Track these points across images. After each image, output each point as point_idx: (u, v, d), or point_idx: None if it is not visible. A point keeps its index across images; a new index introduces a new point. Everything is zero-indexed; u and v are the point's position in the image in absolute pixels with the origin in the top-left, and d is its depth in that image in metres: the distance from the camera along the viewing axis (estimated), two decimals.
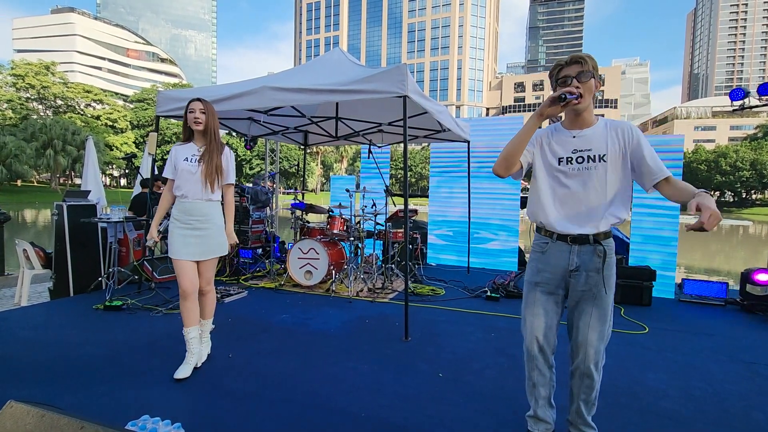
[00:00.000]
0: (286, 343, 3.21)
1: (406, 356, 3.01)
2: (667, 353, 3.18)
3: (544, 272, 1.79)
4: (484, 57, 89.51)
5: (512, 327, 3.71)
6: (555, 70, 1.72)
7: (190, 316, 2.66)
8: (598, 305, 1.73)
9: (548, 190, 1.75)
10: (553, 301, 1.79)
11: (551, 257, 1.76)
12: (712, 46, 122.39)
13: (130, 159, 5.76)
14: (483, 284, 5.09)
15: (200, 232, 2.63)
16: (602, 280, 1.71)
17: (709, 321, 4.07)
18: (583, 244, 1.71)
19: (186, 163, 2.63)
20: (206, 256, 2.67)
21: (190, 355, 2.65)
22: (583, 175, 1.69)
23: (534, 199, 1.82)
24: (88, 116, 49.64)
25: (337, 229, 5.06)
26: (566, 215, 1.72)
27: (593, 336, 1.73)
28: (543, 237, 1.80)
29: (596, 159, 1.69)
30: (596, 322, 1.73)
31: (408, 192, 3.64)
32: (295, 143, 7.04)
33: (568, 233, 1.71)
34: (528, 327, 1.82)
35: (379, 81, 3.43)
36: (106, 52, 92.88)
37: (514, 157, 1.70)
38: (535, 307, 1.80)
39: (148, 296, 4.32)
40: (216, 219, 2.70)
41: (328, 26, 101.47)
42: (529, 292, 1.83)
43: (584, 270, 1.72)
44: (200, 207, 2.64)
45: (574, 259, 1.72)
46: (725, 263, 13.45)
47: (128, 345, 3.06)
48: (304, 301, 4.43)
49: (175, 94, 4.40)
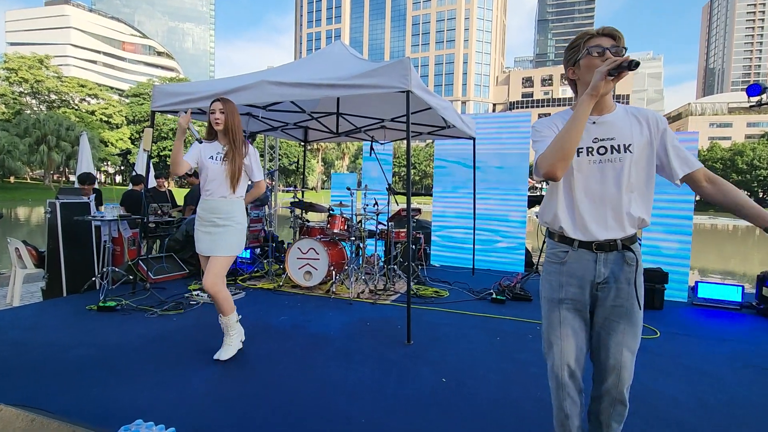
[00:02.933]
0: (284, 346, 3.21)
1: (408, 360, 3.00)
2: (679, 359, 3.16)
3: (568, 287, 1.58)
4: (490, 51, 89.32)
5: (518, 331, 3.70)
6: (584, 38, 1.52)
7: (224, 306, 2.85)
8: (630, 321, 1.54)
9: (566, 188, 1.54)
10: (581, 319, 1.59)
11: (574, 268, 1.56)
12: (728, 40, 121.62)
13: (126, 155, 5.78)
14: (488, 286, 5.08)
15: (217, 228, 2.76)
16: (634, 291, 1.53)
17: (723, 326, 4.04)
18: (610, 251, 1.52)
19: (212, 162, 2.76)
20: (213, 252, 2.77)
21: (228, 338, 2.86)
22: (605, 169, 1.50)
23: (549, 200, 1.61)
24: (82, 111, 49.91)
25: (337, 229, 5.06)
26: (589, 218, 1.52)
27: (627, 357, 1.55)
28: (560, 245, 1.59)
29: (621, 149, 1.49)
30: (630, 340, 1.55)
31: (411, 190, 3.63)
32: (294, 139, 7.04)
33: (593, 239, 1.52)
34: (556, 352, 1.60)
35: (381, 75, 3.42)
36: (101, 46, 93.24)
37: (573, 153, 1.42)
38: (562, 328, 1.59)
39: (143, 297, 4.34)
40: (237, 217, 2.81)
41: (329, 19, 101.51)
42: (552, 311, 1.62)
43: (614, 282, 1.54)
44: (222, 205, 2.77)
45: (601, 270, 1.53)
46: (741, 265, 13.37)
47: (122, 347, 3.07)
48: (303, 303, 4.43)
49: (172, 89, 4.40)
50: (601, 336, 1.59)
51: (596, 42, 1.49)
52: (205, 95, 4.08)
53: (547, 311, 1.64)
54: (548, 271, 1.65)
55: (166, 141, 50.15)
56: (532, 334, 3.61)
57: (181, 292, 4.58)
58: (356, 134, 6.46)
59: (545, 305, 1.66)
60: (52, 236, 4.46)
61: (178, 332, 3.40)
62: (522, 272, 6.11)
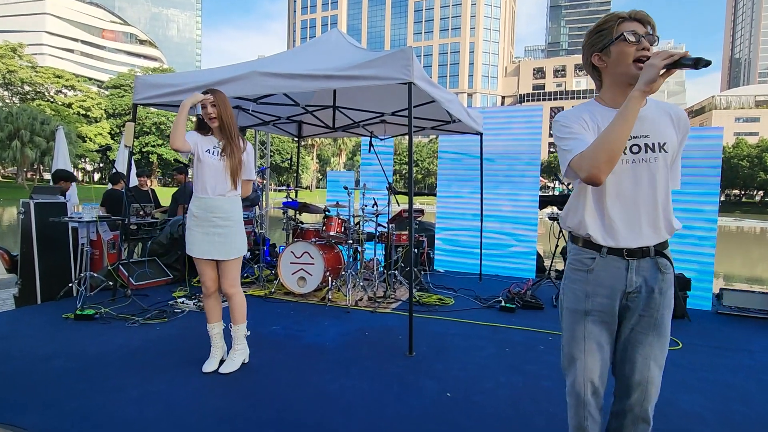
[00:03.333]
0: (276, 357, 3.22)
1: (410, 373, 3.00)
2: (703, 372, 3.17)
3: (595, 297, 1.54)
4: (499, 39, 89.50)
5: (529, 341, 3.70)
6: (615, 21, 1.46)
7: (212, 313, 2.95)
8: (659, 333, 1.53)
9: (595, 190, 1.51)
10: (608, 332, 1.57)
11: (603, 277, 1.53)
12: (755, 28, 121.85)
13: (105, 151, 5.78)
14: (497, 293, 5.08)
15: (222, 230, 2.77)
16: (665, 301, 1.52)
17: (750, 336, 4.04)
18: (642, 257, 1.50)
19: (209, 156, 2.76)
20: (229, 255, 2.81)
21: (215, 350, 2.96)
22: (639, 169, 1.47)
23: (576, 202, 1.56)
24: (58, 104, 49.94)
25: (334, 231, 5.06)
26: (621, 223, 1.49)
27: (655, 371, 1.53)
28: (586, 250, 1.56)
29: (655, 148, 1.47)
30: (658, 353, 1.54)
31: (413, 189, 3.64)
32: (288, 135, 7.05)
33: (625, 246, 1.49)
34: (579, 368, 1.57)
35: (381, 66, 3.43)
36: (79, 33, 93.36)
37: (619, 155, 1.37)
38: (587, 343, 1.56)
39: (124, 304, 4.34)
40: (236, 216, 2.84)
41: (325, 5, 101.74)
42: (576, 323, 1.59)
43: (645, 291, 1.52)
44: (221, 204, 2.78)
45: (633, 278, 1.50)
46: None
47: (102, 358, 3.07)
48: (297, 311, 4.43)
49: (155, 80, 4.41)
50: (627, 348, 1.57)
51: (629, 27, 1.44)
52: (191, 87, 4.07)
53: (570, 323, 1.61)
54: (572, 279, 1.60)
55: (148, 136, 50.23)
56: (543, 345, 3.62)
57: (165, 299, 4.59)
58: (354, 129, 6.47)
59: (568, 317, 1.62)
60: (25, 239, 4.46)
61: (161, 342, 3.41)
62: (533, 278, 6.12)
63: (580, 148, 1.40)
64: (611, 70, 1.49)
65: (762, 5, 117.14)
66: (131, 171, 5.10)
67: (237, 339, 2.97)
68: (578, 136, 1.46)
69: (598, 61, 1.52)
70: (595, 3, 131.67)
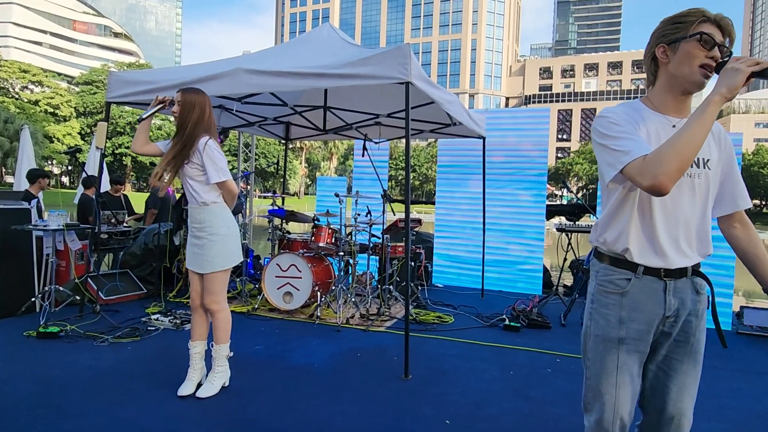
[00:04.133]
0: (259, 380, 3.19)
1: (406, 398, 2.99)
2: (723, 398, 3.17)
3: (631, 323, 1.50)
4: (503, 36, 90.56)
5: (535, 363, 3.70)
6: (697, 18, 1.42)
7: (196, 329, 2.99)
8: (695, 360, 1.53)
9: (635, 201, 1.48)
10: (638, 362, 1.54)
11: (640, 300, 1.49)
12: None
13: (75, 153, 5.76)
14: (500, 311, 5.08)
15: (199, 241, 2.88)
16: (701, 325, 1.53)
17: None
18: (679, 277, 1.49)
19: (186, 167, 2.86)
20: (203, 269, 2.87)
21: (193, 371, 2.93)
22: (681, 184, 1.45)
23: (616, 215, 1.52)
24: (24, 101, 49.74)
25: (323, 242, 5.06)
26: (665, 240, 1.47)
27: (688, 404, 1.52)
28: (617, 270, 1.52)
29: (700, 164, 1.47)
30: (692, 383, 1.53)
31: (410, 197, 3.65)
32: (274, 137, 7.06)
33: (664, 266, 1.47)
34: (608, 404, 1.52)
35: (376, 64, 3.46)
36: (48, 25, 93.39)
37: (691, 162, 1.34)
38: (620, 375, 1.51)
39: (92, 321, 4.30)
40: (214, 227, 2.85)
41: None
42: (608, 352, 1.53)
43: (684, 314, 1.51)
44: (195, 213, 2.89)
45: (672, 301, 1.48)
46: None
47: (66, 381, 3.03)
48: (283, 329, 4.41)
49: (130, 77, 4.42)
50: (659, 377, 1.56)
51: (708, 29, 1.40)
52: (169, 84, 4.09)
53: (601, 353, 1.55)
54: (603, 303, 1.55)
55: (122, 137, 50.09)
56: (551, 368, 3.61)
57: (138, 315, 4.54)
58: (346, 132, 6.50)
59: (597, 345, 1.56)
60: None
61: (133, 363, 3.37)
62: (539, 295, 6.13)
63: (641, 151, 1.35)
64: (672, 68, 1.46)
65: None
66: (103, 174, 5.08)
67: (218, 360, 2.95)
68: (634, 137, 1.40)
69: (661, 53, 1.48)
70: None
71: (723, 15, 1.43)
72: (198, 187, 2.81)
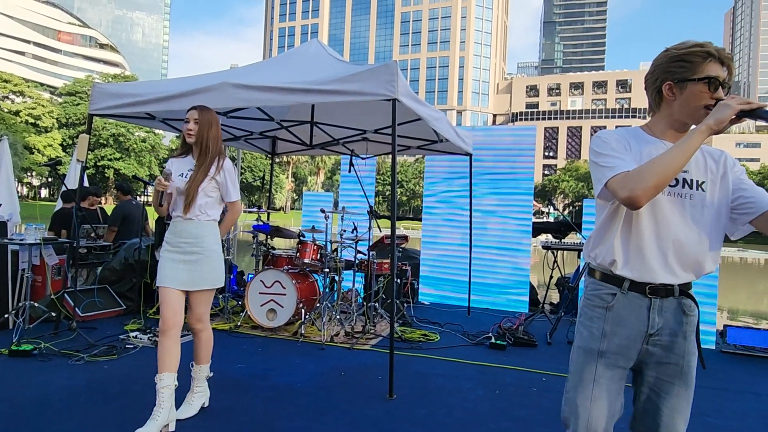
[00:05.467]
0: (240, 400, 3.14)
1: (390, 419, 2.96)
2: (707, 417, 3.19)
3: (613, 337, 1.55)
4: (490, 54, 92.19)
5: (520, 382, 3.70)
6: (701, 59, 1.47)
7: (166, 359, 2.63)
8: (686, 382, 1.56)
9: (626, 218, 1.54)
10: (618, 378, 1.57)
11: (624, 315, 1.54)
12: (753, 51, 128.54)
13: (55, 165, 5.68)
14: (486, 329, 5.09)
15: (190, 257, 2.72)
16: (690, 346, 1.56)
17: (756, 377, 4.12)
18: (666, 296, 1.53)
19: (180, 179, 2.76)
20: (197, 286, 2.73)
21: (158, 410, 2.55)
22: (675, 203, 1.51)
23: (605, 229, 1.58)
24: (4, 111, 49.07)
25: (308, 258, 5.03)
26: (649, 254, 1.52)
27: (681, 426, 1.54)
28: (605, 285, 1.58)
29: (693, 185, 1.52)
30: (685, 405, 1.56)
31: (396, 213, 3.66)
32: (260, 151, 7.05)
33: (649, 281, 1.52)
34: (582, 417, 1.54)
35: (364, 80, 3.49)
36: (31, 34, 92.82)
37: (668, 183, 1.42)
38: (595, 388, 1.54)
39: (68, 338, 4.19)
40: (208, 243, 2.76)
41: (305, 12, 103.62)
42: (586, 364, 1.57)
43: (668, 334, 1.55)
44: (188, 228, 2.74)
45: (656, 319, 1.53)
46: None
47: (39, 401, 2.94)
48: (266, 348, 4.36)
49: (115, 89, 4.40)
50: (650, 399, 1.58)
51: (714, 69, 1.45)
52: (155, 97, 4.08)
53: (580, 364, 1.59)
54: (589, 317, 1.61)
55: (105, 149, 49.61)
56: (537, 387, 3.61)
57: (116, 332, 4.45)
58: (333, 147, 6.51)
59: (578, 356, 1.61)
60: None
61: (110, 383, 3.29)
62: (526, 312, 6.15)
63: (624, 168, 1.43)
64: (678, 106, 1.51)
65: (760, 29, 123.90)
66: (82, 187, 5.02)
67: (198, 380, 2.89)
68: (622, 156, 1.49)
69: (667, 90, 1.52)
70: (590, 20, 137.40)
71: (723, 50, 1.48)
72: (208, 202, 2.76)
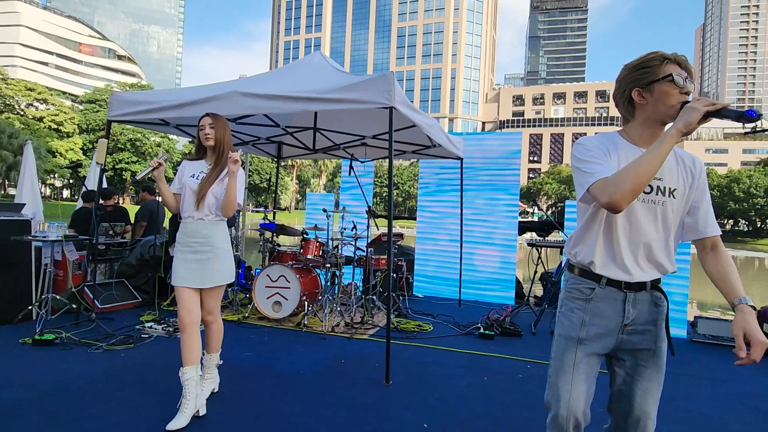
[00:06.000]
0: (248, 387, 3.12)
1: (386, 403, 2.95)
2: (678, 402, 3.20)
3: (591, 326, 1.58)
4: (480, 66, 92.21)
5: (507, 370, 3.69)
6: (660, 61, 1.48)
7: (188, 353, 2.60)
8: (658, 365, 1.59)
9: (602, 221, 1.56)
10: (596, 363, 1.60)
11: (601, 308, 1.57)
12: (722, 64, 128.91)
13: (75, 168, 5.65)
14: (475, 320, 5.08)
15: (201, 255, 2.67)
16: (661, 333, 1.60)
17: (724, 365, 4.12)
18: (639, 290, 1.57)
19: (192, 180, 2.71)
20: (208, 283, 2.68)
21: (186, 402, 2.52)
22: (648, 210, 1.53)
23: (585, 231, 1.61)
24: (29, 117, 48.80)
25: (311, 254, 5.01)
26: (625, 256, 1.54)
27: (652, 406, 1.57)
28: (585, 280, 1.61)
29: (666, 192, 1.54)
30: (656, 387, 1.58)
31: (393, 213, 3.65)
32: (267, 155, 7.02)
33: (624, 279, 1.55)
34: (563, 399, 1.56)
35: (363, 90, 3.48)
36: (54, 46, 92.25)
37: (644, 187, 1.42)
38: (575, 372, 1.56)
39: (87, 329, 4.17)
40: (217, 242, 2.72)
41: (309, 27, 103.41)
42: (567, 351, 1.60)
43: (641, 323, 1.58)
44: (199, 228, 2.69)
45: (630, 311, 1.56)
46: None
47: (59, 388, 2.92)
48: (271, 337, 4.34)
49: (132, 97, 4.37)
50: (626, 382, 1.60)
51: (673, 69, 1.46)
52: (168, 105, 4.05)
53: (561, 350, 1.62)
54: (569, 308, 1.63)
55: (123, 153, 49.38)
56: (522, 374, 3.61)
57: (132, 323, 4.43)
58: (334, 151, 6.49)
59: (559, 343, 1.64)
60: None
61: (126, 370, 3.27)
62: (512, 305, 6.15)
63: (604, 174, 1.43)
64: (651, 107, 1.52)
65: (728, 44, 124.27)
66: (101, 188, 4.99)
67: (208, 368, 2.87)
68: (602, 162, 1.49)
69: (638, 96, 1.53)
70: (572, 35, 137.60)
71: (677, 54, 1.50)
72: (217, 203, 2.70)
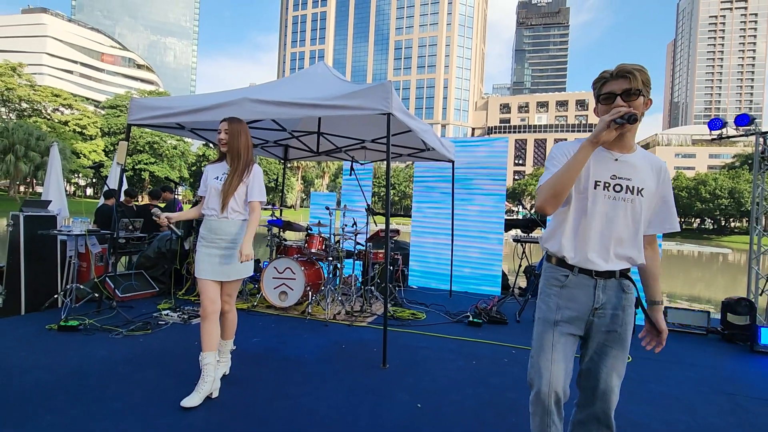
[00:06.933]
0: (256, 370, 3.11)
1: (383, 385, 2.95)
2: (651, 384, 3.21)
3: (565, 309, 1.61)
4: (470, 77, 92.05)
5: (494, 354, 3.69)
6: (598, 84, 1.57)
7: (207, 340, 2.61)
8: (623, 347, 1.62)
9: (575, 217, 1.59)
10: (572, 343, 1.63)
11: (574, 293, 1.61)
12: (691, 77, 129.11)
13: (98, 168, 5.60)
14: (465, 309, 5.08)
15: (225, 251, 2.66)
16: (627, 317, 1.62)
17: (692, 351, 4.14)
18: (608, 278, 1.59)
19: (216, 182, 2.72)
20: (230, 277, 2.69)
21: (202, 383, 2.54)
22: (617, 206, 1.56)
23: (558, 226, 1.64)
24: (55, 121, 48.47)
25: (315, 248, 5.00)
26: (593, 249, 1.57)
27: (616, 381, 1.61)
28: (560, 268, 1.64)
29: (634, 191, 1.56)
30: (620, 364, 1.62)
31: (390, 211, 3.64)
32: (274, 157, 6.99)
33: (593, 268, 1.57)
34: (545, 376, 1.58)
35: (363, 97, 3.46)
36: (78, 56, 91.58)
37: (565, 192, 1.48)
38: (554, 352, 1.59)
39: (108, 316, 4.14)
40: (240, 239, 2.69)
41: (313, 39, 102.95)
42: (545, 332, 1.62)
43: (610, 308, 1.60)
44: (223, 226, 2.68)
45: (600, 296, 1.59)
46: (706, 291, 13.84)
47: (82, 371, 2.90)
48: (278, 324, 4.33)
49: (150, 103, 4.33)
50: (593, 359, 1.64)
51: (609, 88, 1.53)
52: (184, 110, 4.02)
53: (540, 332, 1.64)
54: (547, 294, 1.67)
55: (142, 154, 49.12)
56: (507, 358, 3.61)
57: (150, 311, 4.41)
58: (337, 154, 6.47)
59: (539, 326, 1.66)
60: (12, 250, 4.24)
61: (144, 354, 3.25)
62: (498, 295, 6.15)
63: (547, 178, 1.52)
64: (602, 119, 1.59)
65: (696, 57, 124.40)
66: (122, 187, 4.96)
67: (222, 353, 2.86)
68: (553, 170, 1.55)
69: (596, 110, 1.61)
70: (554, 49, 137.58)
71: (623, 65, 1.53)
72: (239, 203, 2.69)
